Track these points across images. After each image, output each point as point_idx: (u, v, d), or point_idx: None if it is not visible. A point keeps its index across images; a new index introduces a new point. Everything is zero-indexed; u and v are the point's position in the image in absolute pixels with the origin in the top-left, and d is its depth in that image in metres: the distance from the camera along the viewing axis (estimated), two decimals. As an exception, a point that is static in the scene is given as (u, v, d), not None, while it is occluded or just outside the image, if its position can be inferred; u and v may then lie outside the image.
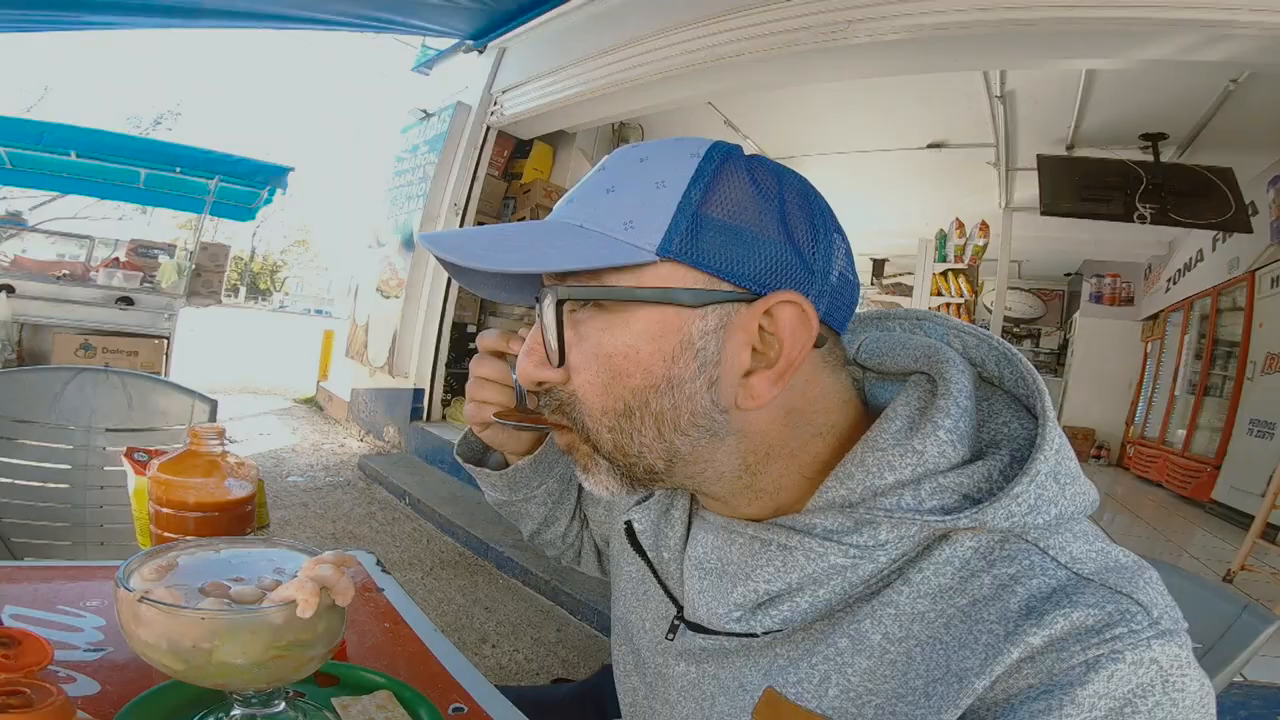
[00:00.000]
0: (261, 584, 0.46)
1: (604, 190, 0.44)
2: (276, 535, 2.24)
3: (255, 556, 0.52)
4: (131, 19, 4.13)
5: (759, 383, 0.42)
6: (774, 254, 0.42)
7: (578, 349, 0.44)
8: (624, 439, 0.44)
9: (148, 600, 0.42)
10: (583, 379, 0.44)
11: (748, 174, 0.43)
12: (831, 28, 2.85)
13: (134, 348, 4.92)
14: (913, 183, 5.86)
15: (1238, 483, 4.71)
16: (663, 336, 0.41)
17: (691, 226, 0.41)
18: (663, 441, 0.43)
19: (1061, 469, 0.40)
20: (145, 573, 0.47)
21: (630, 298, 0.41)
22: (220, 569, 0.49)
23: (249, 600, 0.44)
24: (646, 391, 0.42)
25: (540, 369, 0.46)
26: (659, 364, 0.42)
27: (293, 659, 0.45)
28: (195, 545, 0.53)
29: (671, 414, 0.42)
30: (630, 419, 0.43)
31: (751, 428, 0.44)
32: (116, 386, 1.44)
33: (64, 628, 0.63)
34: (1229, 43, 2.32)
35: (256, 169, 5.60)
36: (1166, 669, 0.33)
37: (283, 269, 39.56)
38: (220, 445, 0.68)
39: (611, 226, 0.42)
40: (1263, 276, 4.87)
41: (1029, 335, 10.19)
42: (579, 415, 0.45)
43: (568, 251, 0.42)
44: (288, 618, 0.43)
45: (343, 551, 0.48)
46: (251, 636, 0.42)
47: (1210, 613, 0.69)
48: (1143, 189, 4.22)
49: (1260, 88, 3.63)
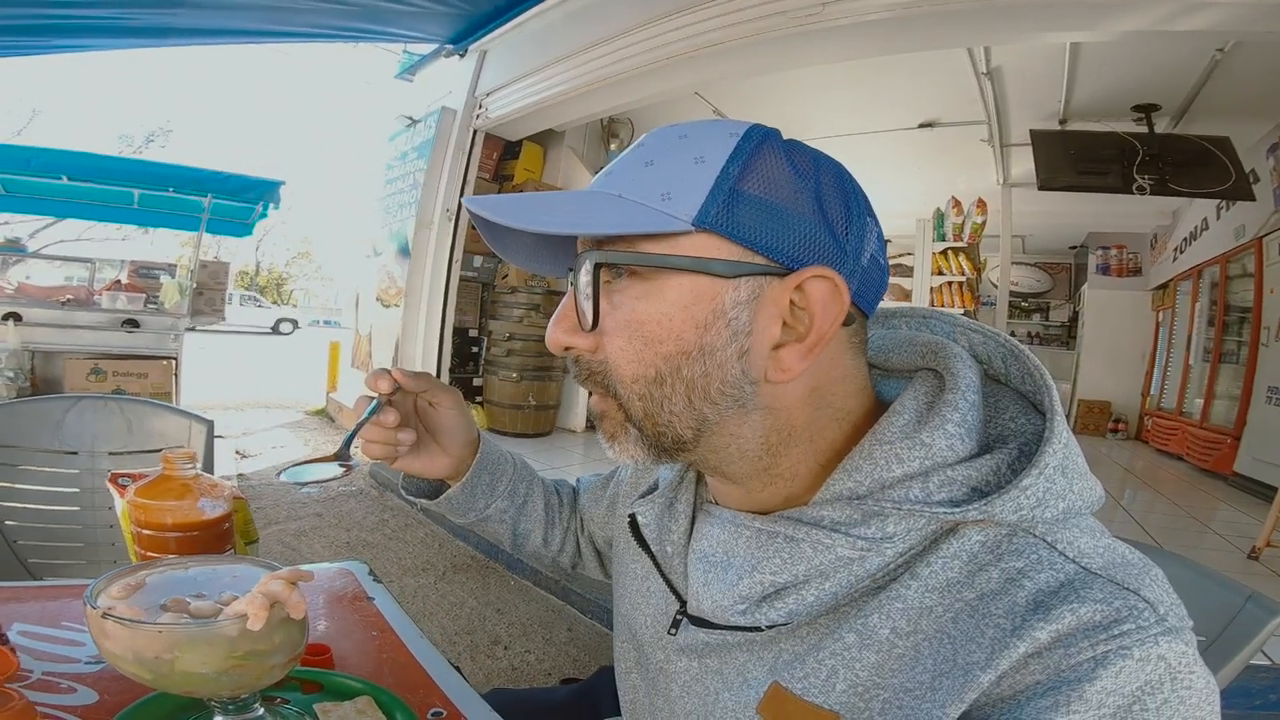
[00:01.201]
0: (220, 599, 0.49)
1: (643, 164, 0.45)
2: (294, 545, 2.27)
3: (220, 574, 0.54)
4: (101, 41, 4.15)
5: (788, 355, 0.43)
6: (808, 231, 0.42)
7: (611, 316, 0.44)
8: (654, 406, 0.44)
9: (110, 616, 0.45)
10: (615, 346, 0.44)
11: (785, 154, 0.44)
12: (808, 10, 2.85)
13: (143, 370, 4.96)
14: (908, 163, 5.83)
15: (1260, 454, 4.64)
16: (695, 304, 0.42)
17: (728, 200, 0.42)
18: (692, 410, 0.44)
19: (1069, 464, 0.41)
20: (113, 591, 0.50)
21: (666, 264, 0.42)
22: (185, 586, 0.52)
23: (205, 615, 0.47)
24: (678, 358, 0.43)
25: (570, 335, 0.47)
26: (691, 331, 0.42)
27: (253, 667, 0.47)
28: (166, 565, 0.56)
29: (702, 381, 0.43)
30: (661, 386, 0.44)
31: (778, 403, 0.45)
32: (115, 413, 1.49)
33: (67, 642, 0.66)
34: (1209, 11, 2.30)
35: (248, 184, 5.61)
36: (1174, 666, 0.33)
37: (288, 281, 39.83)
38: (192, 468, 0.70)
39: (649, 197, 0.43)
40: (1270, 243, 4.81)
41: (1038, 309, 10.11)
42: (611, 383, 0.46)
43: (606, 217, 0.43)
44: (241, 630, 0.45)
45: (298, 568, 0.50)
46: (208, 648, 0.45)
47: (1215, 603, 0.68)
48: (1139, 160, 4.19)
49: (1248, 56, 3.59)
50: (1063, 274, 9.92)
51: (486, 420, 5.17)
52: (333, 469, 0.59)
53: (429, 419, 0.68)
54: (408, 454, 0.66)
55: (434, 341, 5.04)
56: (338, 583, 0.91)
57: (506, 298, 5.17)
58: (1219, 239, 5.75)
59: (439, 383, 0.67)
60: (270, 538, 3.13)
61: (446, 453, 0.69)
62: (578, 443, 5.14)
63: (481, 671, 2.14)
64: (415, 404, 0.67)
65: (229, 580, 0.53)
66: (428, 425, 0.68)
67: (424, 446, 0.68)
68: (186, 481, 0.70)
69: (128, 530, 0.78)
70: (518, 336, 5.04)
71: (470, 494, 0.72)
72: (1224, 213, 5.64)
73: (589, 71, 3.93)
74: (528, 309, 5.05)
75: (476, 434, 0.72)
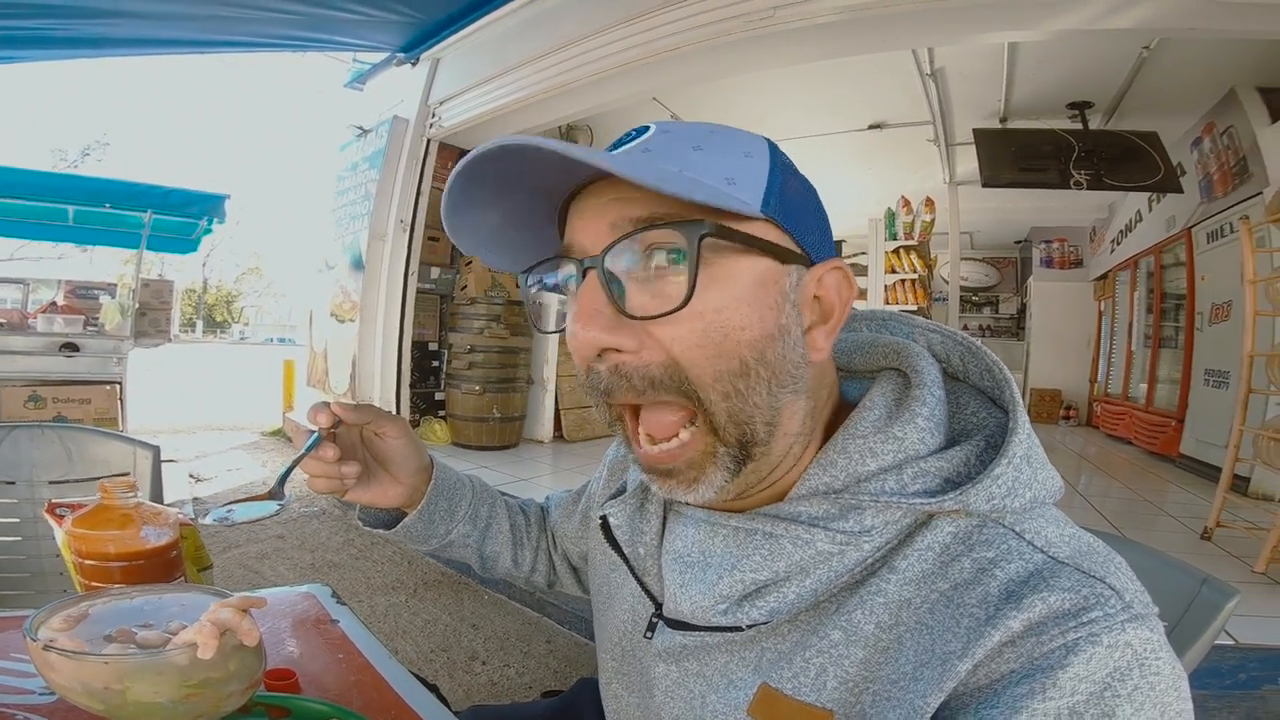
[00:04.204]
0: (168, 628, 0.47)
1: (691, 148, 0.43)
2: (256, 568, 2.19)
3: (167, 603, 0.52)
4: (34, 52, 3.96)
5: (819, 335, 0.45)
6: (819, 230, 0.46)
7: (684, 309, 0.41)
8: (739, 402, 0.42)
9: (52, 649, 0.43)
10: (687, 340, 0.41)
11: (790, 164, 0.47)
12: (760, 15, 2.91)
13: (85, 395, 4.74)
14: (859, 164, 5.98)
15: (1203, 435, 4.85)
16: (766, 287, 0.42)
17: (780, 192, 0.43)
18: (772, 399, 0.43)
19: (1033, 454, 0.42)
20: (54, 623, 0.48)
21: (755, 245, 0.41)
22: (131, 616, 0.50)
23: (153, 645, 0.45)
24: (762, 343, 0.42)
25: (612, 333, 0.41)
26: (770, 314, 0.42)
27: (210, 695, 0.46)
28: (111, 595, 0.53)
29: (780, 364, 0.42)
30: (746, 378, 0.41)
31: (811, 384, 0.46)
32: (53, 441, 1.44)
33: (18, 674, 0.63)
34: (1136, 9, 2.43)
35: (191, 199, 5.40)
36: (1140, 653, 0.34)
37: (238, 299, 38.54)
38: (132, 497, 0.67)
39: (713, 178, 0.41)
40: (1198, 233, 5.07)
41: (988, 303, 10.46)
42: (689, 385, 0.42)
43: (695, 186, 0.39)
44: (192, 659, 0.44)
45: (251, 594, 0.48)
46: (158, 677, 0.43)
47: (1174, 588, 0.70)
48: (1075, 156, 4.38)
49: (1171, 53, 3.81)
50: (1009, 268, 10.29)
51: (450, 434, 5.08)
52: (268, 507, 0.57)
53: (376, 449, 0.66)
54: (357, 486, 0.64)
55: (392, 356, 4.94)
56: (300, 606, 0.88)
57: (466, 309, 5.08)
58: (1152, 230, 6.04)
59: (383, 412, 0.65)
60: (230, 561, 3.02)
61: (398, 481, 0.67)
62: (545, 454, 5.09)
63: (460, 688, 2.10)
64: (361, 435, 0.66)
65: (176, 609, 0.51)
66: (376, 455, 0.66)
67: (374, 477, 0.66)
68: (127, 510, 0.68)
69: (70, 561, 0.75)
70: (479, 349, 4.96)
71: (428, 521, 0.70)
72: (1155, 205, 5.93)
73: (545, 79, 3.92)
74: (488, 320, 4.98)
75: (429, 460, 0.71)
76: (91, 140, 21.49)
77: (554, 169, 0.41)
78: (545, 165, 0.41)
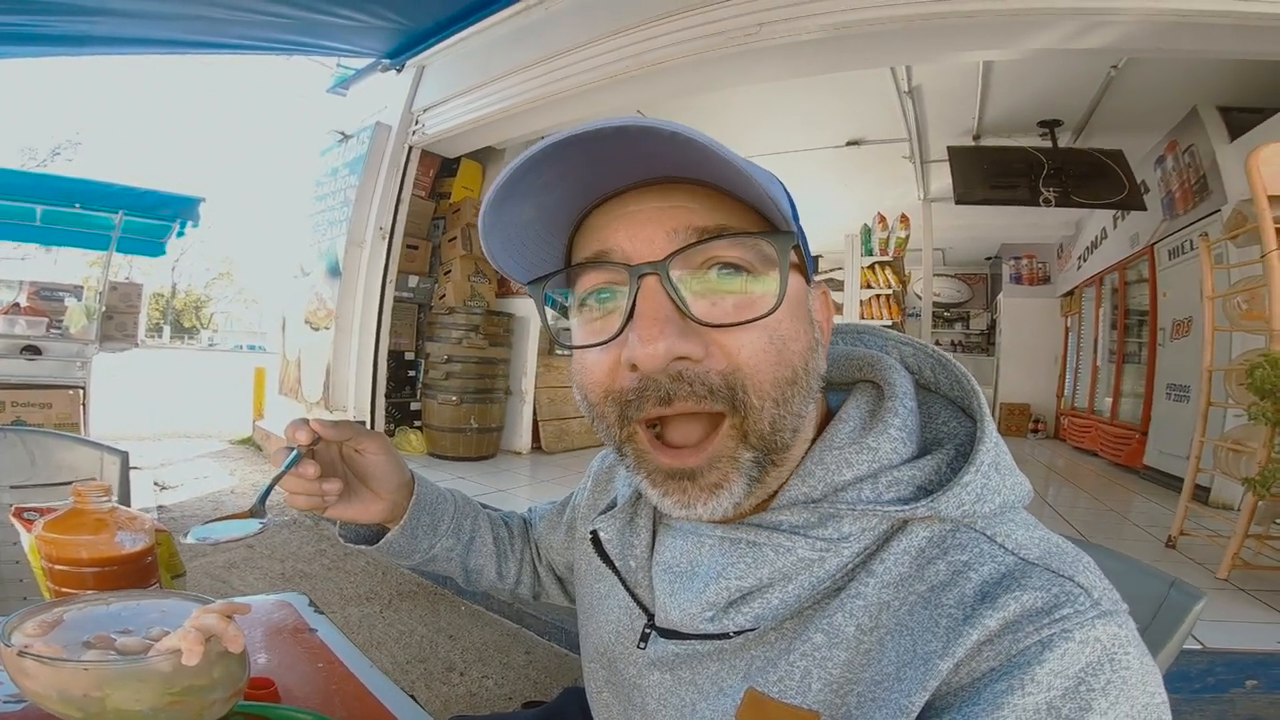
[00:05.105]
0: (149, 635, 0.45)
1: None
2: (224, 578, 2.12)
3: (146, 609, 0.51)
4: (11, 49, 3.87)
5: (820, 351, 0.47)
6: (807, 251, 0.48)
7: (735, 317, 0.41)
8: (784, 410, 0.43)
9: (28, 654, 0.42)
10: (754, 349, 0.41)
11: None
12: (745, 31, 2.96)
13: (47, 400, 4.58)
14: (836, 180, 6.09)
15: (1165, 447, 4.97)
16: (802, 303, 0.45)
17: (795, 211, 0.45)
18: (802, 406, 0.44)
19: (1001, 460, 0.44)
20: (28, 628, 0.47)
21: (798, 262, 0.45)
22: (109, 622, 0.49)
23: (134, 651, 0.44)
24: (808, 354, 0.44)
25: (686, 341, 0.41)
26: (806, 328, 0.45)
27: (192, 703, 0.45)
28: (86, 601, 0.52)
29: (815, 376, 0.45)
30: (794, 386, 0.43)
31: (817, 396, 0.48)
32: (15, 445, 1.39)
33: None
34: (1105, 29, 2.52)
35: (164, 201, 5.27)
36: (1109, 647, 0.35)
37: (208, 304, 37.65)
38: (107, 501, 0.65)
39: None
40: (1160, 250, 5.24)
41: (959, 319, 10.68)
42: (745, 393, 0.41)
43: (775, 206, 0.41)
44: (176, 666, 0.43)
45: (233, 600, 0.47)
46: (140, 684, 0.42)
47: (1142, 592, 0.71)
48: (1045, 174, 4.52)
49: (1138, 72, 3.94)
50: (980, 284, 10.53)
51: (426, 445, 5.01)
52: (250, 526, 0.55)
53: (356, 465, 0.65)
54: (338, 502, 0.63)
55: (368, 365, 4.87)
56: (276, 615, 0.87)
57: (444, 319, 5.01)
58: (1117, 247, 6.22)
59: (363, 429, 0.65)
60: (197, 570, 2.93)
61: (380, 497, 0.66)
62: (523, 465, 5.04)
63: (438, 699, 2.06)
64: (340, 451, 0.65)
65: (157, 615, 0.49)
66: (356, 471, 0.66)
67: (355, 493, 0.65)
68: (101, 515, 0.65)
69: (37, 566, 0.72)
70: (456, 359, 4.89)
71: (411, 536, 0.70)
72: (1120, 222, 6.12)
73: (531, 89, 3.93)
74: (466, 330, 4.91)
75: (410, 475, 0.70)
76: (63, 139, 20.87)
77: (607, 166, 0.41)
78: (601, 161, 0.40)
